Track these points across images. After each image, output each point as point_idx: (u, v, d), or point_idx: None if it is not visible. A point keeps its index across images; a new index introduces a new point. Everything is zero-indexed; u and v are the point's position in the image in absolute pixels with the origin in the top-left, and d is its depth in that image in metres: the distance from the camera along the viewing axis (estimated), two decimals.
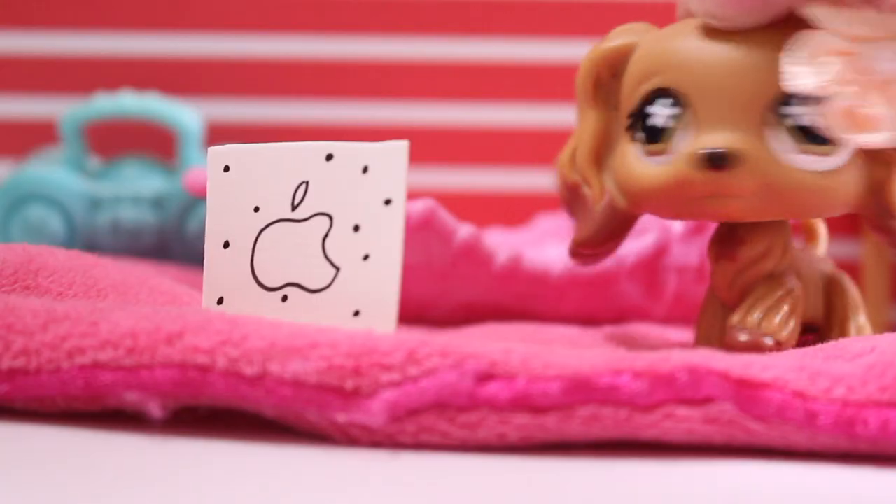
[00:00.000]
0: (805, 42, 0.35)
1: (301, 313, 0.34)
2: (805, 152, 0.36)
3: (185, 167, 0.63)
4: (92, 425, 0.31)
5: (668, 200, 0.37)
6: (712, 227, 0.53)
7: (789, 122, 0.36)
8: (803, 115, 0.35)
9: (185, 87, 0.68)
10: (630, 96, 0.38)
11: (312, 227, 0.34)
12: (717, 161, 0.35)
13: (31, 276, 0.37)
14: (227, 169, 0.34)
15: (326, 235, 0.34)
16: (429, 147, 0.68)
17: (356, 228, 0.34)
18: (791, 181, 0.36)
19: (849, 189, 0.37)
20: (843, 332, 0.39)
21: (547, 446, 0.30)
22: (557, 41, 0.65)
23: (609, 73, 0.39)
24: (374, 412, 0.29)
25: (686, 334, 0.51)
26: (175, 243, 0.63)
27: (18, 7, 0.68)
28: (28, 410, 0.31)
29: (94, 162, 0.66)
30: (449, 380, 0.29)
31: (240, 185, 0.34)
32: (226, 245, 0.34)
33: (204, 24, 0.69)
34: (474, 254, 0.49)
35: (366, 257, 0.34)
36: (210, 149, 0.34)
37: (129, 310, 0.32)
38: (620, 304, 0.53)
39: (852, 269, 0.69)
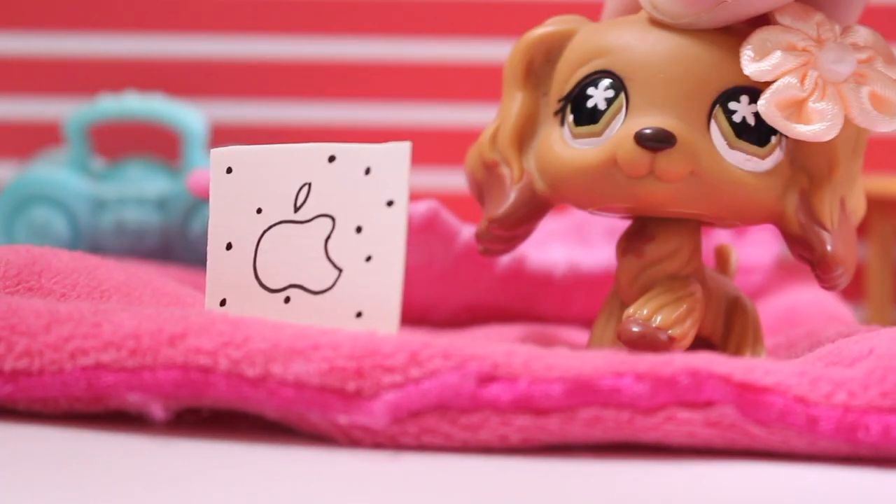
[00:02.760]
0: (768, 35, 0.35)
1: (304, 315, 0.34)
2: (740, 150, 0.35)
3: (189, 168, 0.63)
4: (94, 426, 0.31)
5: (593, 183, 0.36)
6: (717, 234, 0.53)
7: (731, 117, 0.35)
8: (745, 112, 0.35)
9: (188, 88, 0.68)
10: (564, 81, 0.37)
11: (315, 228, 0.34)
12: (653, 139, 0.34)
13: (34, 278, 0.37)
14: (229, 170, 0.34)
15: (329, 237, 0.34)
16: (432, 148, 0.68)
17: (359, 230, 0.34)
18: (722, 174, 0.35)
19: (775, 195, 0.36)
20: (737, 356, 0.39)
21: (548, 448, 0.30)
22: None
23: (543, 58, 0.39)
24: (376, 414, 0.29)
25: None
26: (179, 244, 0.63)
27: (22, 9, 0.68)
28: (31, 411, 0.31)
29: (97, 163, 0.66)
30: (451, 381, 0.30)
31: (242, 187, 0.34)
32: (228, 247, 0.34)
33: (207, 25, 0.69)
34: (478, 255, 0.49)
35: (368, 259, 0.34)
36: (212, 150, 0.34)
37: (131, 311, 0.32)
38: None
39: (857, 270, 0.69)
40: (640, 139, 0.35)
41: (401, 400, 0.29)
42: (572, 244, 0.56)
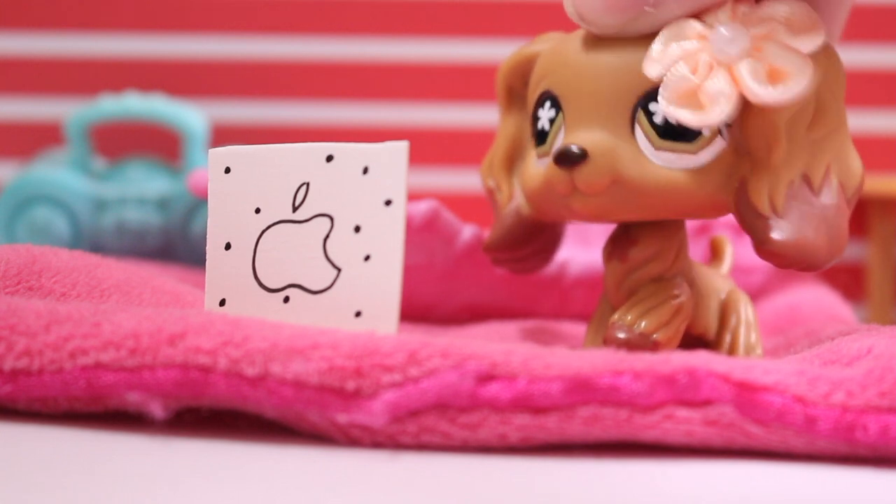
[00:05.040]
0: (672, 30, 0.35)
1: (303, 314, 0.34)
2: (667, 150, 0.35)
3: (190, 168, 0.63)
4: (94, 426, 0.31)
5: (543, 201, 0.37)
6: (715, 228, 0.53)
7: (652, 119, 0.35)
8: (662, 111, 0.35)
9: (189, 88, 0.68)
10: (531, 103, 0.38)
11: (313, 228, 0.34)
12: (563, 158, 0.35)
13: (34, 277, 0.37)
14: (227, 170, 0.34)
15: (327, 236, 0.34)
16: (430, 148, 0.68)
17: (357, 229, 0.34)
18: (646, 178, 0.35)
19: (713, 188, 0.35)
20: (731, 352, 0.39)
21: (547, 447, 0.30)
22: None
23: (520, 82, 0.40)
24: (375, 413, 0.29)
25: None
26: (180, 244, 0.63)
27: (23, 9, 0.69)
28: (31, 411, 0.31)
29: (99, 163, 0.66)
30: (450, 380, 0.30)
31: (241, 187, 0.34)
32: (227, 247, 0.34)
33: (208, 25, 0.69)
34: (478, 255, 0.49)
35: (367, 258, 0.34)
36: (211, 151, 0.34)
37: (131, 311, 0.32)
38: None
39: (857, 270, 0.69)
40: (556, 159, 0.35)
41: (400, 399, 0.29)
42: (572, 244, 0.56)
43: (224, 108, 0.69)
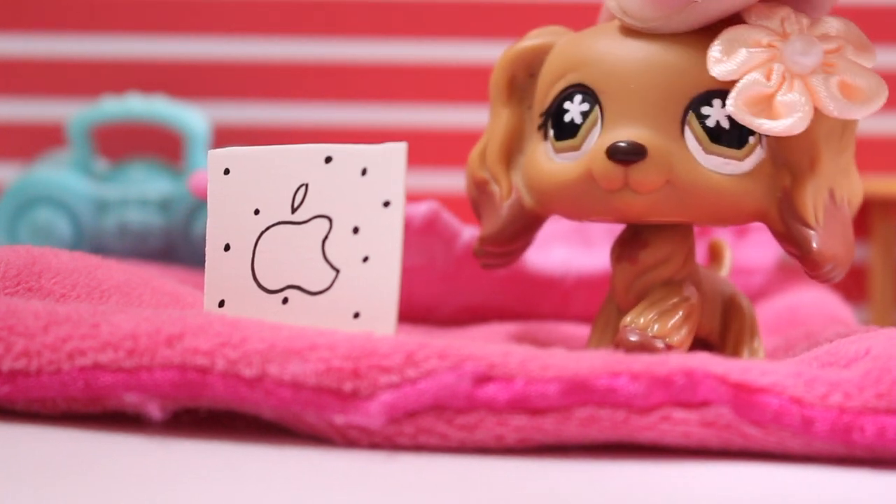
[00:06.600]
0: (733, 34, 0.35)
1: (301, 315, 0.34)
2: (717, 154, 0.35)
3: (192, 170, 0.63)
4: (92, 427, 0.31)
5: (575, 197, 0.36)
6: (714, 231, 0.53)
7: (704, 122, 0.35)
8: (718, 115, 0.35)
9: (191, 90, 0.68)
10: (545, 95, 0.38)
11: (312, 229, 0.34)
12: (623, 153, 0.35)
13: (34, 278, 0.37)
14: (227, 172, 0.34)
15: (326, 238, 0.34)
16: (429, 149, 0.68)
17: (355, 230, 0.34)
18: (698, 181, 0.35)
19: (757, 195, 0.36)
20: (735, 354, 0.39)
21: (544, 448, 0.30)
22: None
23: (525, 73, 0.39)
24: (372, 414, 0.29)
25: None
26: (181, 245, 0.63)
27: (25, 10, 0.69)
28: (29, 412, 0.32)
29: (101, 165, 0.66)
30: (447, 381, 0.30)
31: (240, 188, 0.34)
32: (226, 248, 0.34)
33: (210, 27, 0.69)
34: None
35: (365, 259, 0.34)
36: (210, 152, 0.34)
37: (129, 312, 0.32)
38: None
39: (859, 271, 0.69)
40: (612, 153, 0.35)
41: (397, 400, 0.29)
42: (573, 245, 0.56)
43: (226, 110, 0.69)
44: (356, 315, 0.34)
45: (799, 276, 0.61)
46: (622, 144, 0.35)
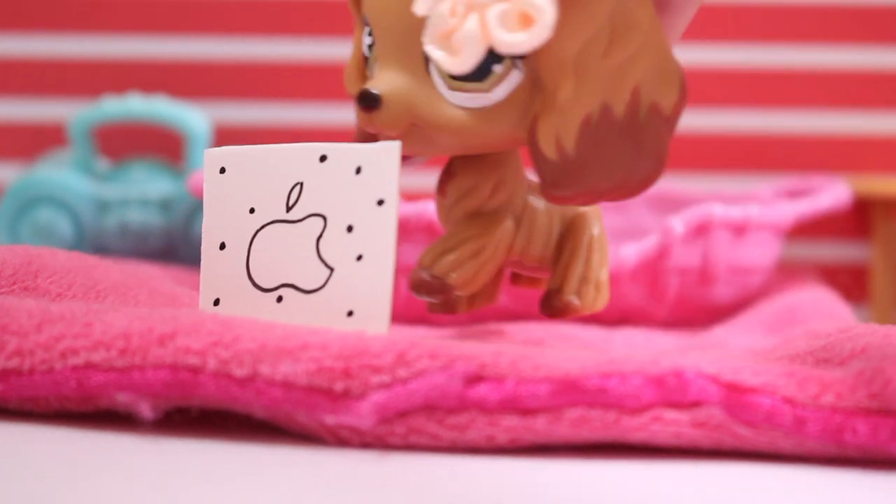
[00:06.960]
0: None
1: (296, 314, 0.34)
2: (460, 90, 0.34)
3: (192, 170, 0.63)
4: (84, 426, 0.31)
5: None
6: (714, 228, 0.53)
7: None
8: None
9: (192, 90, 0.69)
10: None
11: (306, 228, 0.34)
12: (363, 102, 0.34)
13: (30, 278, 0.37)
14: (222, 171, 0.34)
15: (320, 236, 0.34)
16: None
17: (349, 229, 0.34)
18: (440, 120, 0.34)
19: (511, 124, 0.34)
20: (565, 275, 0.39)
21: (535, 448, 0.30)
22: None
23: None
24: (363, 414, 0.29)
25: (687, 336, 0.51)
26: (181, 245, 0.63)
27: (26, 11, 0.69)
28: (21, 411, 0.32)
29: (102, 164, 0.66)
30: (438, 381, 0.29)
31: (235, 187, 0.34)
32: (222, 246, 0.34)
33: (210, 27, 0.69)
34: None
35: (359, 258, 0.34)
36: (206, 151, 0.34)
37: (122, 311, 0.32)
38: (622, 306, 0.53)
39: (861, 271, 0.68)
40: (357, 101, 0.35)
41: (388, 400, 0.29)
42: None
43: (226, 110, 0.69)
44: (350, 313, 0.34)
45: (798, 276, 0.61)
46: (360, 93, 0.34)
